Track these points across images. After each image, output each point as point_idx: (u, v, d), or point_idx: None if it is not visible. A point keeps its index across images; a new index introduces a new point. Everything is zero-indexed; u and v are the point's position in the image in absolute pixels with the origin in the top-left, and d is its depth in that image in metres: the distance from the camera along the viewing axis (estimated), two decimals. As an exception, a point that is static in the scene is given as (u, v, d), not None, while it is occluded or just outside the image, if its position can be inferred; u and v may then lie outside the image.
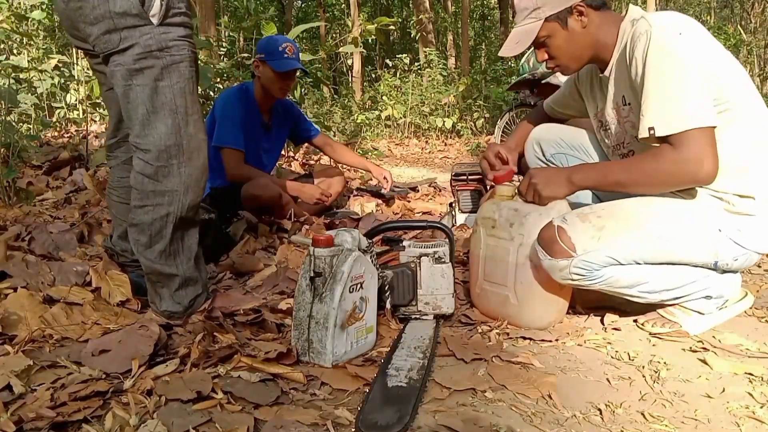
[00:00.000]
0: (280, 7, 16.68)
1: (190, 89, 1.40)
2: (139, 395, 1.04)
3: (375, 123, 8.65)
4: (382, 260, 1.54)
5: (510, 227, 1.44)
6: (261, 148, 2.72)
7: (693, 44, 1.26)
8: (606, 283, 1.34)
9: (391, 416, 0.99)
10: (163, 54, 1.35)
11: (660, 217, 1.33)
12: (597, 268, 1.31)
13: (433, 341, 1.34)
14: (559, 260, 1.31)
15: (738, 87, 1.32)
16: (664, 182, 1.31)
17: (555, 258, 1.31)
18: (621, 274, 1.33)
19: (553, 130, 1.79)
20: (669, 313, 1.45)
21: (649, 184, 1.32)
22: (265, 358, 1.19)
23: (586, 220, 1.33)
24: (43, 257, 1.80)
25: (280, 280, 1.77)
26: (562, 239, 1.30)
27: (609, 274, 1.33)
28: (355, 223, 2.66)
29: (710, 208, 1.34)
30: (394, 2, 21.87)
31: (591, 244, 1.30)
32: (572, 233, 1.31)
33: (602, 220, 1.32)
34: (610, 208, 1.37)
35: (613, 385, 1.17)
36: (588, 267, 1.31)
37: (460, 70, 11.66)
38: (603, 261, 1.31)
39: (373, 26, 4.26)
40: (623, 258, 1.31)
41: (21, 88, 3.99)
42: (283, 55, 2.50)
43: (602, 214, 1.34)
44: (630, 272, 1.34)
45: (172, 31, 1.36)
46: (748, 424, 1.02)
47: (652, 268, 1.34)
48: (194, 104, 1.41)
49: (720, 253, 1.35)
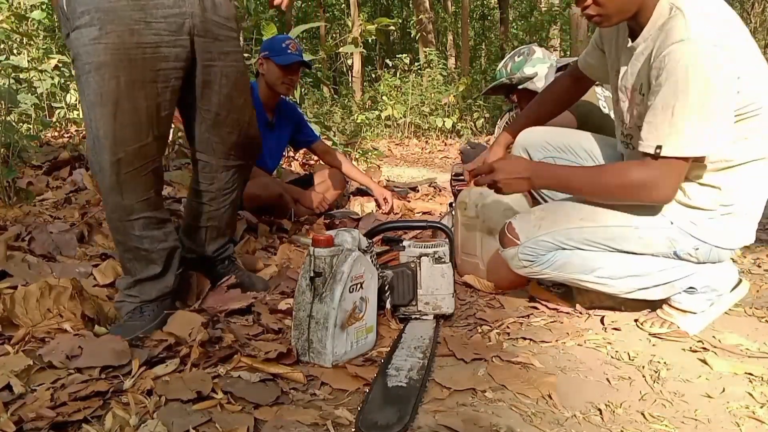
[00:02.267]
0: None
1: (100, 101, 1.25)
2: (139, 395, 1.04)
3: (375, 123, 8.65)
4: (382, 260, 1.54)
5: (476, 207, 1.82)
6: (264, 147, 2.72)
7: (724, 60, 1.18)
8: (555, 268, 1.44)
9: (391, 416, 0.99)
10: (75, 65, 1.26)
11: (602, 210, 1.41)
12: (542, 252, 1.43)
13: (433, 341, 1.34)
14: (508, 249, 1.47)
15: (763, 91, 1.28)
16: (623, 196, 1.35)
17: (506, 248, 1.48)
18: (567, 258, 1.43)
19: (538, 133, 1.75)
20: (666, 314, 1.45)
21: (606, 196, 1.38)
22: (265, 358, 1.19)
23: (531, 214, 1.49)
24: (43, 257, 1.80)
25: (281, 280, 1.77)
26: (509, 232, 1.47)
27: (555, 258, 1.43)
28: (355, 223, 2.66)
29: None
30: (394, 2, 21.87)
31: (532, 231, 1.44)
32: (517, 225, 1.47)
33: (544, 212, 1.48)
34: (555, 204, 1.52)
35: (613, 385, 1.17)
36: (533, 252, 1.44)
37: (460, 70, 11.66)
38: (545, 246, 1.43)
39: (373, 26, 4.26)
40: (561, 242, 1.42)
41: (21, 88, 3.99)
42: (287, 50, 2.53)
43: (545, 208, 1.51)
44: (576, 256, 1.42)
45: (82, 35, 1.23)
46: (748, 424, 1.02)
47: (601, 253, 1.42)
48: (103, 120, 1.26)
49: (677, 242, 1.37)
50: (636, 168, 1.30)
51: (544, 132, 1.75)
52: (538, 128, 1.78)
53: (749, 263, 2.17)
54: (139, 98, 1.29)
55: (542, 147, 1.73)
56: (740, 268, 2.09)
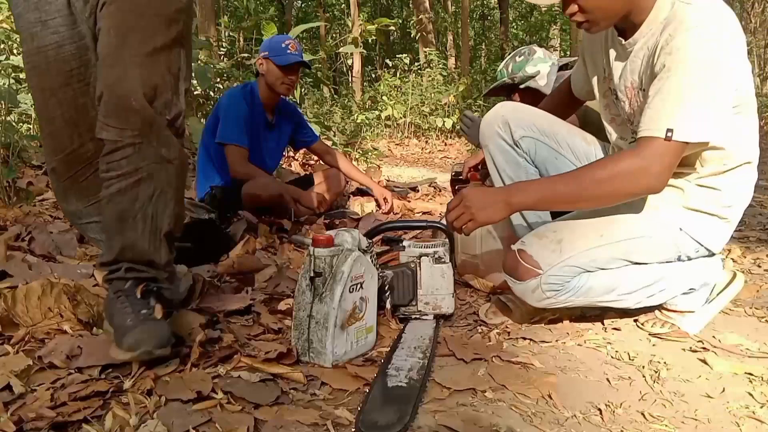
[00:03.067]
0: (280, 7, 16.67)
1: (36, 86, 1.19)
2: (139, 395, 1.04)
3: (375, 123, 8.64)
4: (382, 260, 1.54)
5: None
6: (264, 147, 2.73)
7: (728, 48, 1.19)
8: (582, 294, 1.34)
9: (391, 416, 0.99)
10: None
11: (617, 222, 1.34)
12: (567, 280, 1.31)
13: (433, 341, 1.34)
14: (528, 282, 1.31)
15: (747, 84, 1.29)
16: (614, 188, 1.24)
17: (523, 281, 1.32)
18: (593, 282, 1.33)
19: (525, 110, 1.60)
20: (665, 315, 1.45)
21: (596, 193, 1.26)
22: (265, 358, 1.19)
23: (543, 237, 1.33)
24: (43, 257, 1.80)
25: (281, 280, 1.77)
26: (525, 260, 1.31)
27: (581, 283, 1.32)
28: (355, 223, 2.66)
29: (668, 207, 1.34)
30: (394, 2, 21.88)
31: (553, 257, 1.30)
32: (532, 251, 1.31)
33: (558, 234, 1.33)
34: (564, 222, 1.39)
35: (613, 385, 1.17)
36: (559, 280, 1.30)
37: (460, 70, 11.66)
38: (570, 271, 1.30)
39: (373, 26, 4.26)
40: (587, 265, 1.31)
41: (21, 88, 3.99)
42: (286, 50, 2.54)
43: (557, 229, 1.35)
44: (601, 278, 1.34)
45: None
46: (748, 424, 1.02)
47: (621, 271, 1.35)
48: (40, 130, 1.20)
49: (682, 248, 1.36)
50: (628, 155, 1.23)
51: (533, 112, 1.60)
52: (527, 106, 1.67)
53: (749, 263, 2.17)
54: (52, 107, 1.20)
55: (527, 125, 1.57)
56: (740, 268, 2.09)
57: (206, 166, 2.68)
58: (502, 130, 1.57)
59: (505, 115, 1.57)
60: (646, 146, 1.20)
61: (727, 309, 1.63)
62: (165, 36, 1.15)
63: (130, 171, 1.09)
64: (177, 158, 1.16)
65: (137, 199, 1.10)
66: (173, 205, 1.16)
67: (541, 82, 2.19)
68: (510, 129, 1.56)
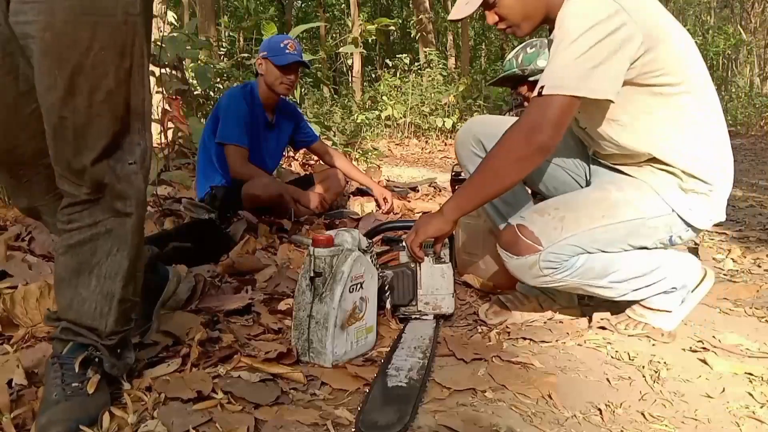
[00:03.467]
0: (280, 7, 16.67)
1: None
2: (137, 392, 1.04)
3: (375, 123, 8.64)
4: (382, 260, 1.54)
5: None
6: (264, 147, 2.73)
7: (617, 10, 1.17)
8: (578, 274, 1.32)
9: (391, 416, 0.99)
10: None
11: (619, 204, 1.33)
12: (566, 258, 1.30)
13: (433, 341, 1.34)
14: (527, 257, 1.30)
15: (687, 67, 1.28)
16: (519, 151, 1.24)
17: (522, 255, 1.30)
18: (592, 263, 1.32)
19: (491, 123, 1.60)
20: (638, 315, 1.44)
21: (509, 163, 1.26)
22: (265, 358, 1.19)
23: (545, 214, 1.33)
24: (43, 257, 1.80)
25: (281, 280, 1.77)
26: (525, 235, 1.30)
27: (580, 263, 1.31)
28: (355, 223, 2.66)
29: (665, 187, 1.33)
30: (394, 2, 21.88)
31: (555, 234, 1.29)
32: (534, 227, 1.30)
33: (560, 212, 1.32)
34: (564, 200, 1.39)
35: (613, 385, 1.17)
36: (557, 258, 1.29)
37: (460, 70, 11.66)
38: (570, 250, 1.30)
39: (373, 26, 4.27)
40: (588, 245, 1.31)
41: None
42: (285, 50, 2.53)
43: (559, 206, 1.35)
44: (600, 260, 1.33)
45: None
46: (748, 424, 1.02)
47: (619, 255, 1.35)
48: None
49: (673, 229, 1.36)
50: (520, 118, 1.25)
51: (499, 121, 1.58)
52: (492, 117, 1.70)
53: (749, 263, 2.17)
54: None
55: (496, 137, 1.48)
56: (740, 268, 2.09)
57: (206, 166, 2.68)
58: (476, 148, 1.58)
59: (476, 132, 1.59)
60: (525, 111, 1.24)
61: (727, 309, 1.64)
62: (120, 69, 0.97)
63: (90, 223, 1.01)
64: (135, 211, 1.04)
65: (95, 252, 1.02)
66: (128, 265, 1.05)
67: None
68: (482, 144, 1.57)
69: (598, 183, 1.45)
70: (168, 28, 4.02)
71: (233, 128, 2.52)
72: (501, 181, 1.29)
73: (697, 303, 1.46)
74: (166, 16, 4.50)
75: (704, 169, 1.31)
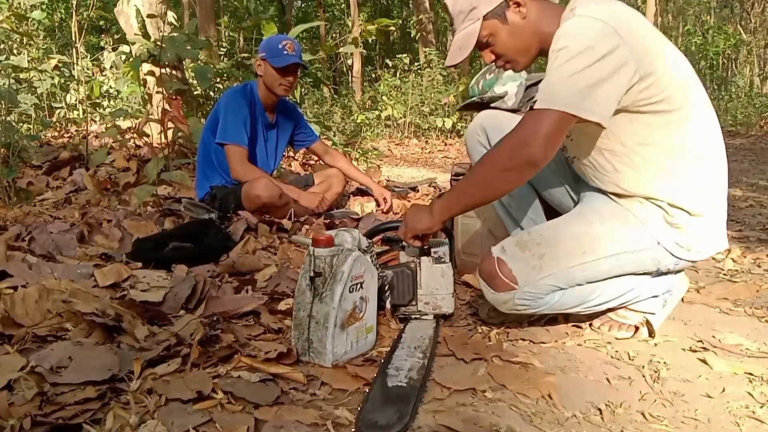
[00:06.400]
0: (280, 7, 16.68)
1: None
2: (139, 395, 1.04)
3: (375, 123, 8.65)
4: (382, 260, 1.54)
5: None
6: (264, 147, 2.73)
7: (611, 33, 1.17)
8: (552, 308, 1.35)
9: (391, 416, 0.99)
10: None
11: (601, 239, 1.31)
12: (541, 296, 1.31)
13: (433, 341, 1.34)
14: (501, 294, 1.31)
15: (683, 92, 1.26)
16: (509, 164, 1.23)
17: (498, 292, 1.31)
18: (566, 298, 1.33)
19: (502, 118, 1.64)
20: (621, 317, 1.43)
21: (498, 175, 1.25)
22: (265, 358, 1.19)
23: (526, 249, 1.31)
24: (43, 257, 1.80)
25: (281, 280, 1.76)
26: (503, 272, 1.29)
27: (556, 299, 1.32)
28: (355, 223, 2.66)
29: (651, 219, 1.32)
30: (394, 2, 21.88)
31: (532, 274, 1.29)
32: (512, 265, 1.29)
33: (541, 248, 1.30)
34: (548, 232, 1.35)
35: (613, 385, 1.17)
36: (532, 297, 1.30)
37: (460, 70, 11.65)
38: (547, 289, 1.30)
39: (373, 27, 4.26)
40: (565, 283, 1.31)
41: (21, 88, 4.00)
42: (283, 52, 2.53)
43: (541, 241, 1.32)
44: (574, 293, 1.34)
45: None
46: (748, 424, 1.02)
47: (595, 285, 1.34)
48: None
49: (661, 262, 1.35)
50: (512, 130, 1.25)
51: (511, 118, 1.60)
52: (504, 113, 1.70)
53: (749, 263, 2.17)
54: None
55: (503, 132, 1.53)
56: (740, 268, 2.09)
57: (206, 166, 2.68)
58: (480, 136, 1.62)
59: (483, 123, 1.63)
60: (518, 123, 1.24)
61: (727, 309, 1.64)
62: None
63: None
64: None
65: None
66: None
67: (509, 103, 2.17)
68: (487, 136, 1.61)
69: (582, 211, 1.41)
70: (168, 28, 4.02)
71: (233, 128, 2.52)
72: (488, 190, 1.30)
73: (675, 305, 1.48)
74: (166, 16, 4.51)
75: (694, 201, 1.29)
